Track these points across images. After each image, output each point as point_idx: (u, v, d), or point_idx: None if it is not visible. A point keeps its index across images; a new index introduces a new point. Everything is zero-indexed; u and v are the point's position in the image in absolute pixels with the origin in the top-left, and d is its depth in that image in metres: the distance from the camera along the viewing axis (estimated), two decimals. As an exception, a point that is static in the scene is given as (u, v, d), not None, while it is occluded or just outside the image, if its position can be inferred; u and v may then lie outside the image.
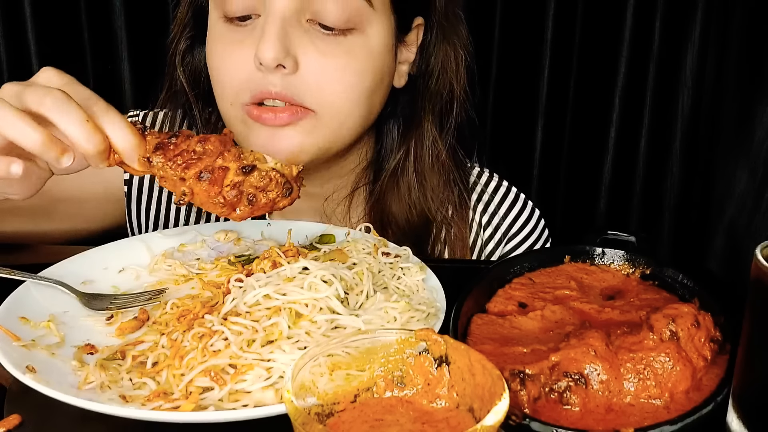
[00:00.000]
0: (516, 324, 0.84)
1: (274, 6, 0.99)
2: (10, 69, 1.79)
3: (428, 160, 1.18)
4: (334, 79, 1.02)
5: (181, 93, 1.19)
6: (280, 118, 1.02)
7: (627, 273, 0.94)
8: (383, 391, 0.66)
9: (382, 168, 1.20)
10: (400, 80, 1.15)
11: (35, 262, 0.94)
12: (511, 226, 1.27)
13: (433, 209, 1.20)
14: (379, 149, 1.22)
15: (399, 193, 1.19)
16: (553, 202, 1.96)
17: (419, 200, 1.19)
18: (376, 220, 1.19)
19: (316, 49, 1.01)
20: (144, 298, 0.92)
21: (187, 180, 0.83)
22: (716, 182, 1.82)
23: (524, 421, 0.66)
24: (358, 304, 0.85)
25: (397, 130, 1.20)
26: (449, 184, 1.21)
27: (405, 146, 1.18)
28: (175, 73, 1.18)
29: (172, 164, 0.83)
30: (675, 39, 1.81)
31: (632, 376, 0.72)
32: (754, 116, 1.65)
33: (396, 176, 1.19)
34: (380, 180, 1.20)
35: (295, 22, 1.00)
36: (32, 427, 0.72)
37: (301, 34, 1.01)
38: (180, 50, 1.16)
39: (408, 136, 1.18)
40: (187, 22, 1.16)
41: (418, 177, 1.18)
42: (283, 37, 0.98)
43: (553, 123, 1.91)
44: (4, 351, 0.75)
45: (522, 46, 1.84)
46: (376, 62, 1.06)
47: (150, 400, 0.72)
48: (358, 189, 1.22)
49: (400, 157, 1.18)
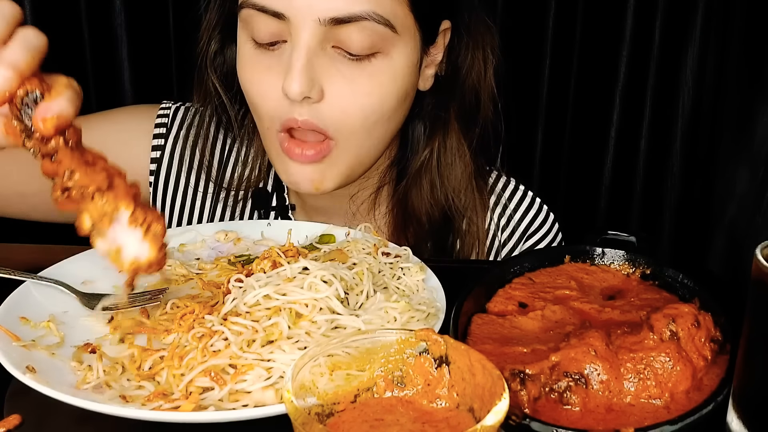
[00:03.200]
0: (516, 324, 0.84)
1: (300, 38, 0.99)
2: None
3: (451, 159, 1.19)
4: (358, 104, 1.03)
5: (213, 95, 1.20)
6: (306, 156, 1.05)
7: (627, 273, 0.94)
8: (383, 391, 0.66)
9: (407, 167, 1.21)
10: (425, 83, 1.15)
11: (35, 262, 0.94)
12: (527, 229, 1.28)
13: (454, 208, 1.20)
14: (404, 149, 1.22)
15: (422, 191, 1.19)
16: (553, 202, 1.95)
17: (441, 199, 1.20)
18: (398, 217, 1.21)
19: (341, 75, 1.02)
20: (144, 298, 0.92)
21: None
22: (716, 182, 1.82)
23: (524, 421, 0.66)
24: (358, 304, 0.85)
25: (423, 130, 1.20)
26: (471, 183, 1.22)
27: (430, 146, 1.19)
28: (205, 76, 1.19)
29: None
30: (675, 39, 1.80)
31: (632, 376, 0.72)
32: (754, 116, 1.65)
33: (420, 175, 1.19)
34: (405, 179, 1.21)
35: (320, 51, 1.00)
36: (32, 427, 0.72)
37: (326, 62, 1.01)
38: (210, 53, 1.17)
39: (433, 136, 1.19)
40: (216, 25, 1.16)
41: (441, 176, 1.19)
42: (309, 69, 0.99)
43: (553, 122, 1.91)
44: (4, 351, 0.75)
45: (522, 46, 1.84)
46: (399, 84, 1.06)
47: (150, 400, 0.72)
48: (383, 187, 1.23)
49: (425, 157, 1.19)
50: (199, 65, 1.19)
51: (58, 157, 0.75)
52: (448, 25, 1.13)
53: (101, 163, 0.77)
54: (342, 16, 0.98)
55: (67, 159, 0.74)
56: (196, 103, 1.24)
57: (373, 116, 1.05)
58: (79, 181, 0.74)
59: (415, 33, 1.06)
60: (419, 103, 1.18)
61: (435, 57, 1.14)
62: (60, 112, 0.74)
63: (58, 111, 0.74)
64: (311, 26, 0.98)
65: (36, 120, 0.73)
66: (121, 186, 0.76)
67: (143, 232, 0.75)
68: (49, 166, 0.75)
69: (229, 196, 1.25)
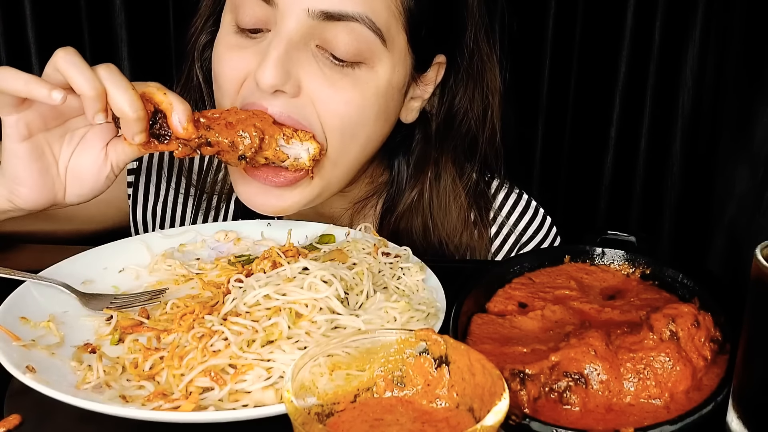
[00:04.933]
0: (516, 324, 0.84)
1: (284, 26, 0.95)
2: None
3: (445, 202, 1.14)
4: (336, 111, 0.98)
5: (196, 88, 1.17)
6: (273, 181, 0.99)
7: (627, 273, 0.94)
8: (383, 391, 0.66)
9: (395, 206, 1.16)
10: (408, 116, 1.10)
11: (35, 262, 0.94)
12: (522, 234, 1.25)
13: (451, 247, 1.16)
14: (390, 186, 1.18)
15: (414, 232, 1.15)
16: (553, 202, 1.96)
17: (434, 243, 1.15)
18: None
19: (323, 75, 0.97)
20: (144, 298, 0.92)
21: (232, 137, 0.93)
22: (716, 182, 1.82)
23: (524, 420, 0.66)
24: (358, 304, 0.85)
25: (406, 167, 1.16)
26: (469, 224, 1.17)
27: (419, 186, 1.14)
28: (192, 67, 1.16)
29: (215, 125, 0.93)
30: (675, 39, 1.80)
31: (632, 376, 0.72)
32: (754, 116, 1.65)
33: (410, 215, 1.15)
34: (393, 217, 1.16)
35: (302, 46, 0.96)
36: (32, 427, 0.72)
37: (308, 58, 0.96)
38: (200, 44, 1.14)
39: (421, 176, 1.14)
40: (209, 15, 1.13)
41: (434, 219, 1.15)
42: (286, 61, 0.94)
43: (553, 122, 1.91)
44: (4, 351, 0.75)
45: (522, 46, 1.84)
46: (380, 100, 1.01)
47: (150, 400, 0.72)
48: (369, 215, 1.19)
49: (414, 197, 1.14)
50: (187, 54, 1.16)
51: (213, 140, 0.92)
52: (442, 59, 1.09)
53: (233, 115, 0.95)
54: (333, 11, 0.94)
55: (221, 134, 0.93)
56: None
57: (351, 127, 1.00)
58: (242, 142, 0.93)
59: (406, 56, 1.02)
60: (408, 137, 1.14)
61: (424, 91, 1.10)
62: (184, 112, 0.90)
63: (183, 112, 0.90)
64: (299, 16, 0.94)
65: (176, 130, 0.90)
66: (264, 119, 0.95)
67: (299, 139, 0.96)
68: (209, 150, 0.93)
69: (212, 200, 1.23)
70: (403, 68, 1.03)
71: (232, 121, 0.93)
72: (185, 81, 1.18)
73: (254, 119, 0.94)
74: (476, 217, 1.19)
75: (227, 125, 0.93)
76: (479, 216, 1.19)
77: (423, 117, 1.13)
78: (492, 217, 1.24)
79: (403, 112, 1.09)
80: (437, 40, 1.07)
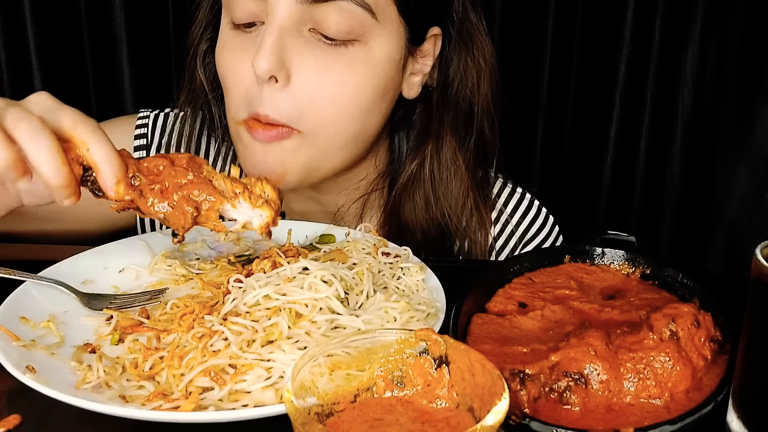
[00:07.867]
0: (516, 324, 0.84)
1: (275, 15, 0.98)
2: (10, 69, 1.79)
3: (446, 175, 1.15)
4: (329, 94, 1.00)
5: (200, 93, 1.18)
6: (268, 135, 1.01)
7: (627, 273, 0.94)
8: (383, 391, 0.66)
9: (396, 180, 1.17)
10: (411, 91, 1.12)
11: (35, 262, 0.94)
12: (525, 233, 1.25)
13: (452, 225, 1.16)
14: (392, 160, 1.19)
15: (415, 207, 1.15)
16: (553, 201, 1.95)
17: (437, 216, 1.15)
18: (391, 232, 1.16)
19: (315, 59, 0.99)
20: (144, 298, 0.92)
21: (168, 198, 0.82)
22: (716, 182, 1.82)
23: (524, 420, 0.66)
24: (358, 304, 0.85)
25: (406, 140, 1.17)
26: (469, 200, 1.17)
27: (419, 158, 1.15)
28: (195, 74, 1.17)
29: (151, 185, 0.82)
30: (675, 38, 1.80)
31: (632, 376, 0.72)
32: (754, 116, 1.66)
33: (411, 189, 1.15)
34: (394, 191, 1.17)
35: (295, 32, 0.98)
36: (32, 427, 0.72)
37: (300, 44, 0.99)
38: (201, 51, 1.16)
39: (421, 147, 1.15)
40: (207, 23, 1.15)
41: (436, 191, 1.15)
42: (279, 48, 0.97)
43: (553, 122, 1.91)
44: (4, 351, 0.75)
45: (522, 45, 1.84)
46: (378, 77, 1.03)
47: (150, 400, 0.72)
48: (373, 198, 1.20)
49: (414, 169, 1.15)
50: (188, 63, 1.18)
51: (144, 210, 0.82)
52: (437, 31, 1.10)
53: (172, 176, 0.82)
54: None
55: (154, 203, 0.82)
56: (181, 103, 1.22)
57: (346, 108, 1.02)
58: (173, 220, 0.82)
59: (399, 27, 1.03)
60: (409, 111, 1.15)
61: (424, 65, 1.11)
62: (111, 174, 0.78)
63: (112, 176, 0.79)
64: (288, 3, 0.97)
65: (108, 195, 0.80)
66: (206, 184, 0.83)
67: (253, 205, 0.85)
68: (146, 208, 0.82)
69: None
70: (397, 40, 1.04)
71: (169, 185, 0.82)
72: (189, 90, 1.19)
73: (193, 186, 0.82)
74: (478, 201, 1.19)
75: (162, 191, 0.82)
76: (481, 201, 1.19)
77: (424, 91, 1.14)
78: (495, 216, 1.24)
79: (405, 88, 1.11)
80: (428, 8, 1.08)
